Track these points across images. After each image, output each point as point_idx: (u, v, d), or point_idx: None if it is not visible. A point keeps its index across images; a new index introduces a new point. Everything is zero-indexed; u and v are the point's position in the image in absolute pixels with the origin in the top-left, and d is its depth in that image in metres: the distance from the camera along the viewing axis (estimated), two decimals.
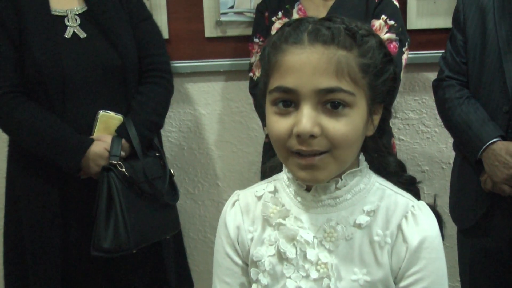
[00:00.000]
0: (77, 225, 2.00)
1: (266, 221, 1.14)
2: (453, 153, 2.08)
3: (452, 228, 2.15)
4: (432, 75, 2.06)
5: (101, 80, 1.97)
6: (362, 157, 1.12)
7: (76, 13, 1.99)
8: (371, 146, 1.12)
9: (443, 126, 2.06)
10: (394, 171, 1.16)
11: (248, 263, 1.16)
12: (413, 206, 1.08)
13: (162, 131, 2.24)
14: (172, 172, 2.10)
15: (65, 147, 1.90)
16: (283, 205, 1.12)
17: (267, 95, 1.04)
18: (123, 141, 1.96)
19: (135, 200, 1.93)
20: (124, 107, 2.01)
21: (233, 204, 1.20)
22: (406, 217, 1.07)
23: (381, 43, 1.04)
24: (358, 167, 1.11)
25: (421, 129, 2.58)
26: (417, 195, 1.15)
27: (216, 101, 2.59)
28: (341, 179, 1.07)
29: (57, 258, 1.99)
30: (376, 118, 1.07)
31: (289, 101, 1.00)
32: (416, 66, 2.46)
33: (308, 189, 1.10)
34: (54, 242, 1.99)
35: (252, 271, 1.13)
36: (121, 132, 1.97)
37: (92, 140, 1.93)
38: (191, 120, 2.61)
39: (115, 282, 2.09)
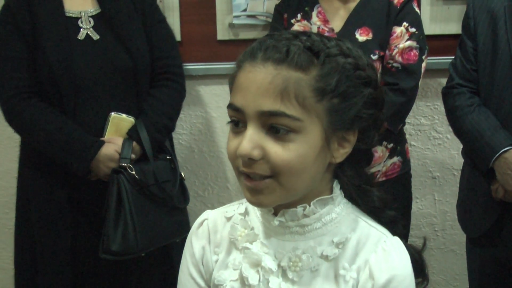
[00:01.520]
0: (87, 226, 2.01)
1: (233, 244, 1.08)
2: None
3: (462, 235, 2.13)
4: (445, 81, 2.05)
5: (113, 82, 1.98)
6: (336, 185, 1.04)
7: (90, 15, 2.00)
8: (350, 176, 1.04)
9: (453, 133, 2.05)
10: (375, 207, 1.06)
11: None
12: (385, 241, 1.01)
13: (173, 134, 2.24)
14: (183, 176, 2.10)
15: (76, 149, 1.90)
16: (252, 229, 1.07)
17: None
18: (134, 143, 1.97)
19: (144, 203, 1.93)
20: (136, 110, 2.02)
21: (201, 224, 1.14)
22: (375, 251, 1.00)
23: (356, 65, 0.96)
24: (331, 193, 1.03)
25: (432, 135, 2.56)
26: (401, 236, 1.05)
27: (227, 104, 2.58)
28: (309, 206, 1.00)
29: (67, 259, 2.01)
30: (347, 146, 0.98)
31: (239, 120, 0.95)
32: (428, 72, 2.44)
33: (276, 213, 1.03)
34: (64, 243, 2.00)
35: None
36: (132, 135, 1.97)
37: (103, 142, 1.94)
38: (202, 123, 2.61)
39: (124, 285, 2.09)
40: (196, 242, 1.13)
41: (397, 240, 1.03)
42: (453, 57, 2.02)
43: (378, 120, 1.02)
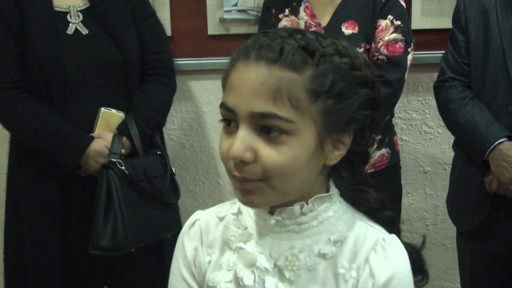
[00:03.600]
0: (77, 222, 2.00)
1: (226, 244, 1.06)
2: None
3: (453, 229, 2.14)
4: (436, 76, 2.05)
5: (103, 77, 1.96)
6: (332, 183, 1.03)
7: (79, 9, 1.98)
8: (346, 177, 1.03)
9: (446, 127, 2.05)
10: (373, 207, 1.04)
11: None
12: (383, 240, 1.00)
13: (163, 129, 2.23)
14: (174, 171, 2.09)
15: (65, 145, 1.89)
16: (245, 228, 1.05)
17: None
18: (124, 138, 1.95)
19: (134, 198, 1.92)
20: (126, 105, 2.01)
21: (193, 224, 1.11)
22: (375, 250, 0.99)
23: (353, 64, 0.94)
24: (328, 192, 1.02)
25: (424, 129, 2.57)
26: (397, 235, 1.04)
27: (218, 99, 2.54)
28: (307, 204, 0.99)
29: (57, 255, 1.99)
30: (342, 148, 0.96)
31: (232, 120, 0.93)
32: (420, 66, 2.45)
33: (272, 212, 1.01)
34: (54, 239, 1.98)
35: None
36: (122, 130, 1.96)
37: (92, 138, 1.93)
38: (193, 118, 2.60)
39: (115, 280, 2.09)
40: (188, 243, 1.10)
41: (395, 238, 1.02)
42: (444, 51, 2.02)
43: (375, 121, 0.99)
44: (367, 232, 1.01)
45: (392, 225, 1.05)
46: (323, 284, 0.99)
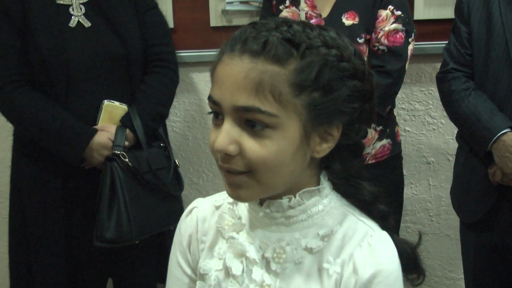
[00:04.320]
0: (81, 214, 2.01)
1: (220, 233, 1.07)
2: None
3: (456, 220, 2.14)
4: (439, 66, 2.05)
5: (106, 69, 1.96)
6: (324, 176, 1.02)
7: (81, 2, 1.98)
8: (338, 170, 1.02)
9: (449, 118, 2.04)
10: (366, 200, 1.03)
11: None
12: (371, 236, 0.97)
13: (166, 121, 2.23)
14: (177, 163, 2.09)
15: (68, 137, 1.90)
16: (239, 218, 1.05)
17: None
18: (127, 131, 1.96)
19: (138, 190, 1.93)
20: (129, 97, 2.01)
21: (190, 211, 1.13)
22: (360, 246, 0.97)
23: (341, 56, 0.91)
24: (318, 185, 1.00)
25: (427, 120, 2.56)
26: (391, 230, 1.03)
27: None
28: (295, 197, 0.98)
29: (61, 247, 2.00)
30: (330, 140, 0.95)
31: (219, 113, 0.92)
32: (423, 56, 2.44)
33: (261, 203, 1.00)
34: (58, 232, 1.99)
35: (198, 284, 1.06)
36: (125, 122, 1.97)
37: (96, 130, 1.93)
38: (196, 110, 2.61)
39: (119, 272, 2.10)
40: (184, 230, 1.12)
41: (384, 234, 1.00)
42: (448, 42, 2.02)
43: (365, 113, 0.97)
44: (357, 228, 1.00)
45: (385, 219, 1.04)
46: (307, 278, 0.98)
